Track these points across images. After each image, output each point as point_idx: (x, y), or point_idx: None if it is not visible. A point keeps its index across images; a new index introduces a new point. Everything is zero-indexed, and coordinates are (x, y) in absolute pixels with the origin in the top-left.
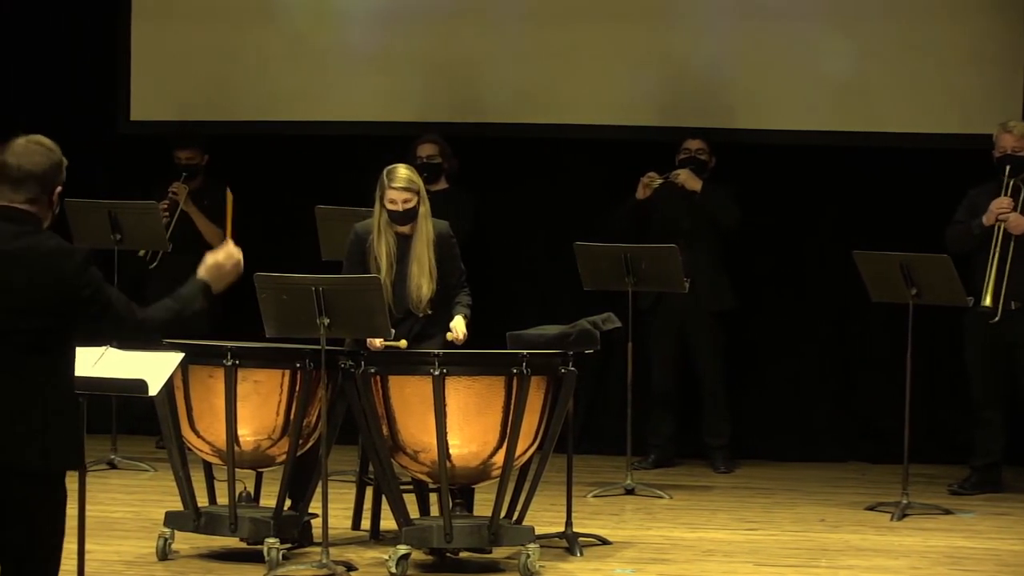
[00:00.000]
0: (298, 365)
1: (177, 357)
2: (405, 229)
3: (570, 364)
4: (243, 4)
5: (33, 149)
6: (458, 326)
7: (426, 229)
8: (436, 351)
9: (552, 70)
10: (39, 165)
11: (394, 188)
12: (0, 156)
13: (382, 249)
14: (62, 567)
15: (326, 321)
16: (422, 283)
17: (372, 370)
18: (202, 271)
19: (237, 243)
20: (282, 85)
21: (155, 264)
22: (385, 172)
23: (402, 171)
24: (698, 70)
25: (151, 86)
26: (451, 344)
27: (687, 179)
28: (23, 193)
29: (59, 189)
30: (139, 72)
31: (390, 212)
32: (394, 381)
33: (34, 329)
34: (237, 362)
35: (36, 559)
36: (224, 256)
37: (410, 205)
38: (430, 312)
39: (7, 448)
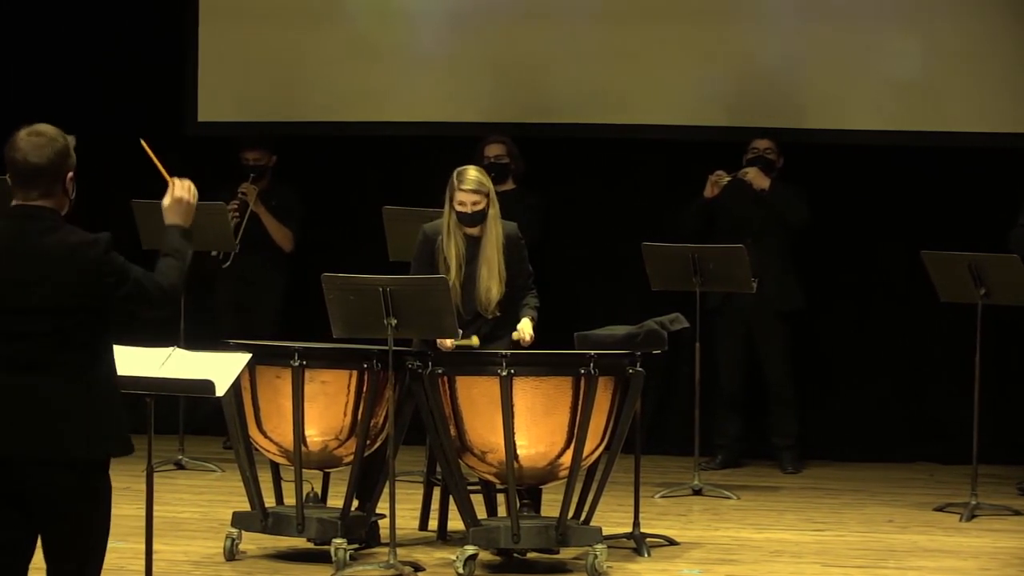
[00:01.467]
0: (365, 366)
1: (244, 358)
2: (474, 231)
3: (638, 364)
4: (310, 5)
5: (36, 142)
6: (525, 328)
7: (495, 231)
8: (504, 351)
9: (620, 70)
10: (44, 157)
11: (464, 190)
12: (7, 153)
13: (451, 251)
14: (131, 567)
15: (393, 322)
16: (491, 285)
17: (440, 370)
18: (170, 217)
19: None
20: (349, 86)
21: (228, 264)
22: (455, 174)
23: (472, 173)
24: (766, 70)
25: (219, 87)
26: (518, 345)
27: (755, 177)
28: (36, 189)
29: (70, 175)
30: (207, 73)
31: (459, 214)
32: (462, 381)
33: (68, 325)
34: (304, 363)
35: (81, 549)
36: (179, 191)
37: (479, 207)
38: (498, 314)
39: (50, 442)
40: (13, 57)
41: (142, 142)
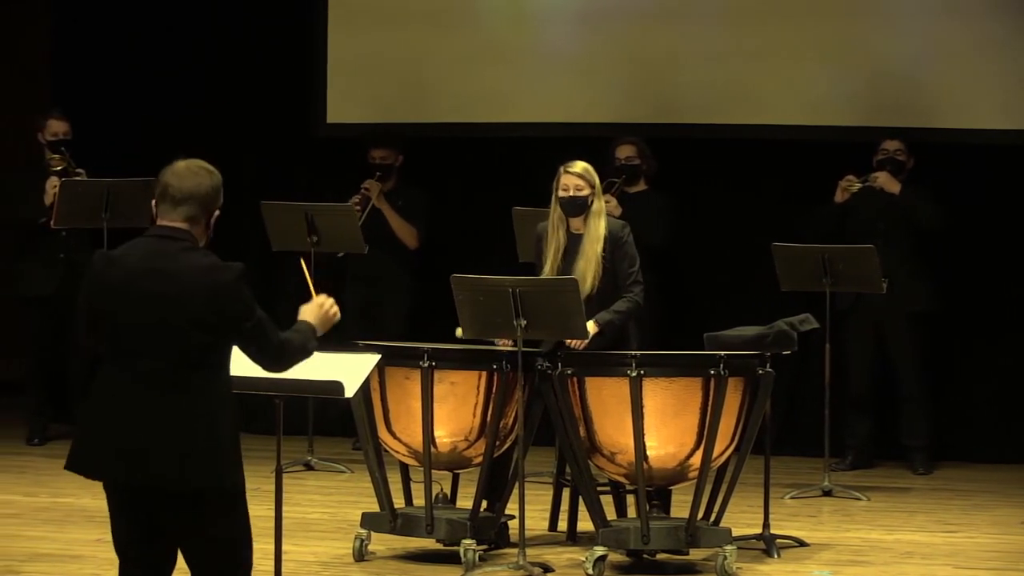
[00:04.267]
0: (495, 366)
1: (373, 359)
2: (578, 225)
3: (768, 365)
4: (439, 6)
5: (195, 170)
6: (588, 326)
7: (596, 227)
8: (634, 352)
9: (749, 70)
10: (201, 186)
11: (569, 173)
12: (162, 177)
13: (551, 243)
14: (260, 567)
15: (523, 323)
16: (587, 280)
17: (569, 371)
18: (307, 314)
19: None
20: (478, 86)
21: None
22: (563, 165)
23: (580, 162)
24: (895, 69)
25: (347, 89)
26: (562, 344)
27: (886, 182)
28: (182, 212)
29: (216, 214)
30: (335, 75)
31: (561, 199)
32: (591, 382)
33: (192, 345)
34: (433, 364)
35: (224, 565)
36: (323, 300)
37: (582, 193)
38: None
39: (184, 473)
40: (144, 62)
41: (302, 261)
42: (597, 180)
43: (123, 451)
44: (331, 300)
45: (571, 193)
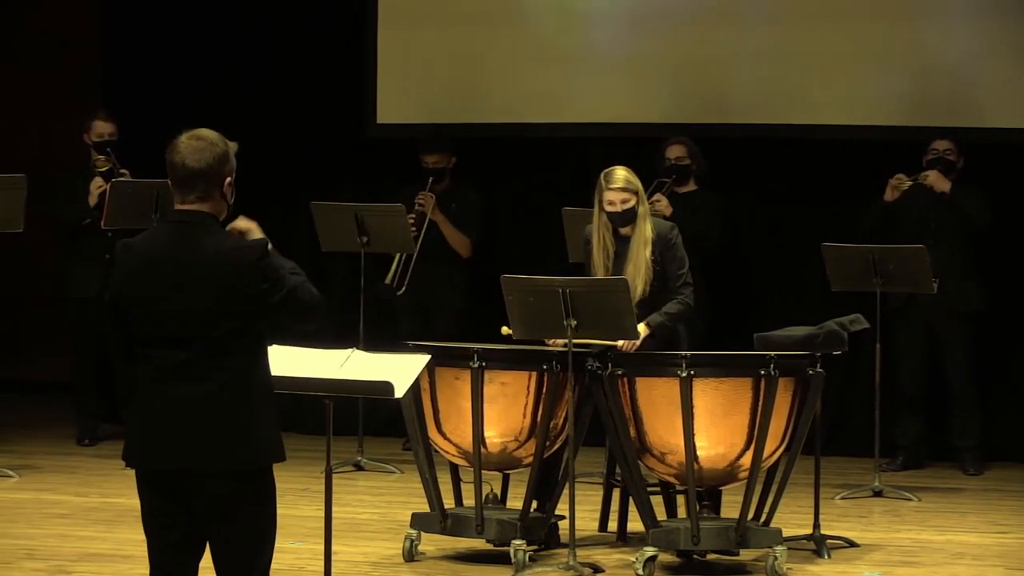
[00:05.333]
0: (545, 367)
1: (423, 359)
2: (626, 228)
3: (818, 365)
4: (489, 6)
5: (195, 146)
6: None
7: (643, 230)
8: (684, 352)
9: (798, 70)
10: (203, 161)
11: (611, 189)
12: (168, 156)
13: (600, 250)
14: (310, 568)
15: (573, 323)
16: (637, 284)
17: (619, 371)
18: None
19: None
20: (528, 87)
21: (402, 291)
22: (603, 175)
23: (619, 171)
24: (945, 68)
25: (397, 89)
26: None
27: (936, 180)
28: (193, 192)
29: (229, 180)
30: (385, 75)
31: (609, 214)
32: (641, 383)
33: (223, 332)
34: (484, 364)
35: (248, 552)
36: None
37: (628, 205)
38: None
39: (215, 454)
40: (194, 61)
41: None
42: (639, 184)
43: (156, 437)
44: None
45: (618, 208)
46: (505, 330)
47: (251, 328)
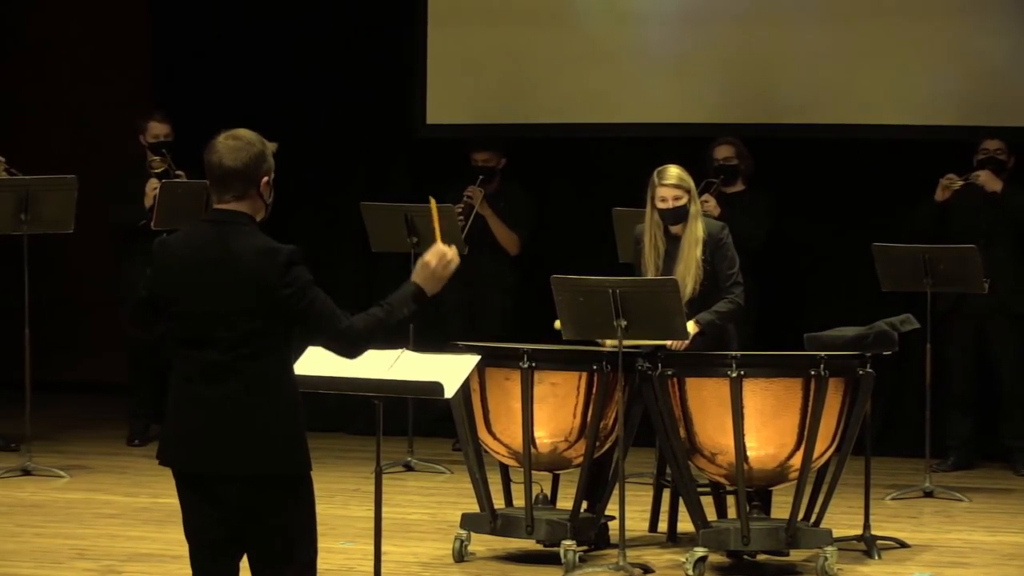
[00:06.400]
0: (595, 367)
1: (473, 360)
2: (677, 228)
3: (868, 366)
4: (538, 6)
5: (232, 145)
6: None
7: (694, 229)
8: (734, 352)
9: (848, 70)
10: (239, 160)
11: (664, 185)
12: (205, 156)
13: (650, 250)
14: (360, 568)
15: (623, 323)
16: (687, 283)
17: (669, 372)
18: (415, 274)
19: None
20: (578, 87)
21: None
22: (656, 172)
23: (673, 169)
24: (995, 68)
25: (447, 89)
26: (664, 347)
27: (987, 180)
28: (230, 192)
29: (266, 179)
30: (435, 75)
31: (661, 211)
32: (691, 383)
33: (246, 333)
34: (534, 364)
35: (285, 556)
36: (432, 256)
37: (680, 203)
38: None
39: (248, 459)
40: (245, 63)
41: (431, 200)
42: (692, 183)
43: (184, 438)
44: (452, 251)
45: (670, 205)
46: (558, 324)
47: (275, 331)
